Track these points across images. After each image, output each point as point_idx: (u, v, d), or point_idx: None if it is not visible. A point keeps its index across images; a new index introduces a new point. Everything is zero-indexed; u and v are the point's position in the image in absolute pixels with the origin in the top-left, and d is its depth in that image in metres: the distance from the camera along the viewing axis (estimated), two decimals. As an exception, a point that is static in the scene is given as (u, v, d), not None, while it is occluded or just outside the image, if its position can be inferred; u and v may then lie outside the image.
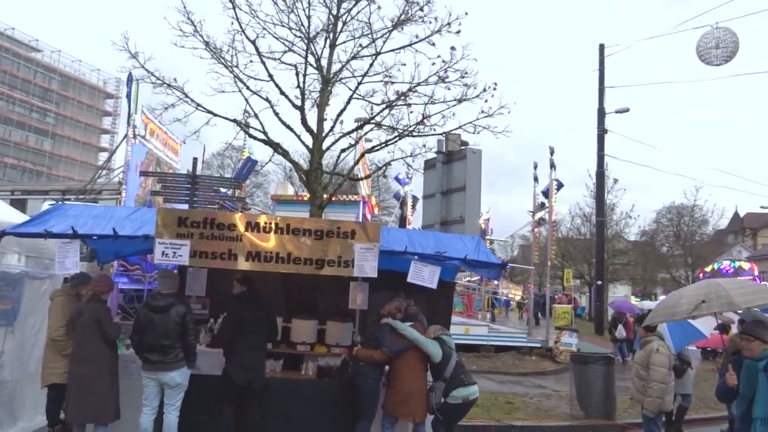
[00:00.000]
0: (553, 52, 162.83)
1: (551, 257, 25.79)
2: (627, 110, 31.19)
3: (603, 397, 10.75)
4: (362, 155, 14.69)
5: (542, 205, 23.45)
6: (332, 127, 12.79)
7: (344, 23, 12.93)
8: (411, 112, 12.70)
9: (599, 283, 31.86)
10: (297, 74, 12.67)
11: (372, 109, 12.93)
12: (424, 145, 12.76)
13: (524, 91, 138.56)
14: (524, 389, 14.23)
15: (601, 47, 31.76)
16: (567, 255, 44.17)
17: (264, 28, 12.64)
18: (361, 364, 6.95)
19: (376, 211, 28.20)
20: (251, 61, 12.71)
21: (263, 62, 12.62)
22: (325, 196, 12.76)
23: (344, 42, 13.12)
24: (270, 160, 15.98)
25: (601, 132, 31.21)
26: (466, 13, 12.15)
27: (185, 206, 11.04)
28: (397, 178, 26.50)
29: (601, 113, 31.21)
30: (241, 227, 6.50)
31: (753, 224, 72.36)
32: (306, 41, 12.69)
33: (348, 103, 12.91)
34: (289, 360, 7.83)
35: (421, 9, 12.31)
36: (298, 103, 12.71)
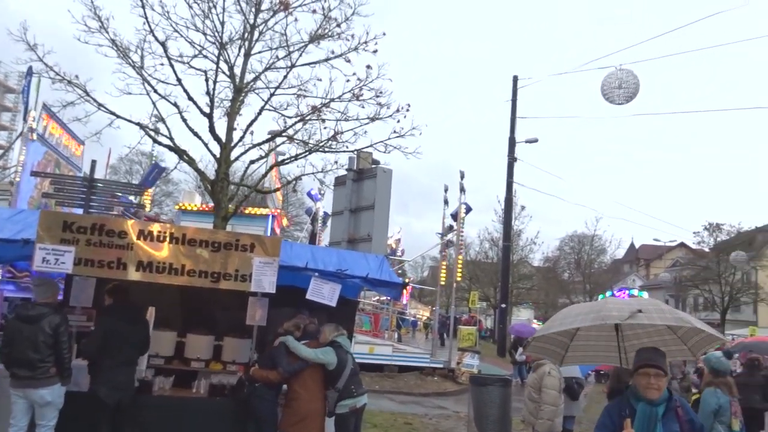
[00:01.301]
0: (487, 64, 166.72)
1: (458, 279, 26.26)
2: (536, 140, 32.53)
3: (499, 418, 10.87)
4: (272, 168, 14.42)
5: (451, 228, 23.90)
6: (242, 137, 12.49)
7: (260, 33, 12.73)
8: (325, 128, 12.64)
9: (503, 306, 32.80)
10: (206, 80, 12.31)
11: (285, 122, 12.77)
12: (336, 162, 12.67)
13: (460, 103, 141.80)
14: (424, 410, 14.29)
15: (515, 79, 33.11)
16: (474, 278, 45.40)
17: (176, 30, 12.23)
18: (257, 385, 6.70)
19: (285, 225, 27.85)
20: (162, 64, 12.24)
21: (171, 65, 12.17)
22: (230, 207, 12.38)
23: (260, 52, 12.91)
24: (176, 167, 15.35)
25: (511, 160, 32.36)
26: (384, 33, 12.25)
27: (80, 211, 10.43)
28: (309, 194, 26.39)
29: (512, 142, 32.41)
30: (133, 235, 6.14)
31: (647, 255, 77.13)
32: (218, 47, 12.37)
33: (259, 113, 12.66)
34: (181, 377, 7.47)
35: (339, 26, 12.31)
36: (207, 110, 12.34)
